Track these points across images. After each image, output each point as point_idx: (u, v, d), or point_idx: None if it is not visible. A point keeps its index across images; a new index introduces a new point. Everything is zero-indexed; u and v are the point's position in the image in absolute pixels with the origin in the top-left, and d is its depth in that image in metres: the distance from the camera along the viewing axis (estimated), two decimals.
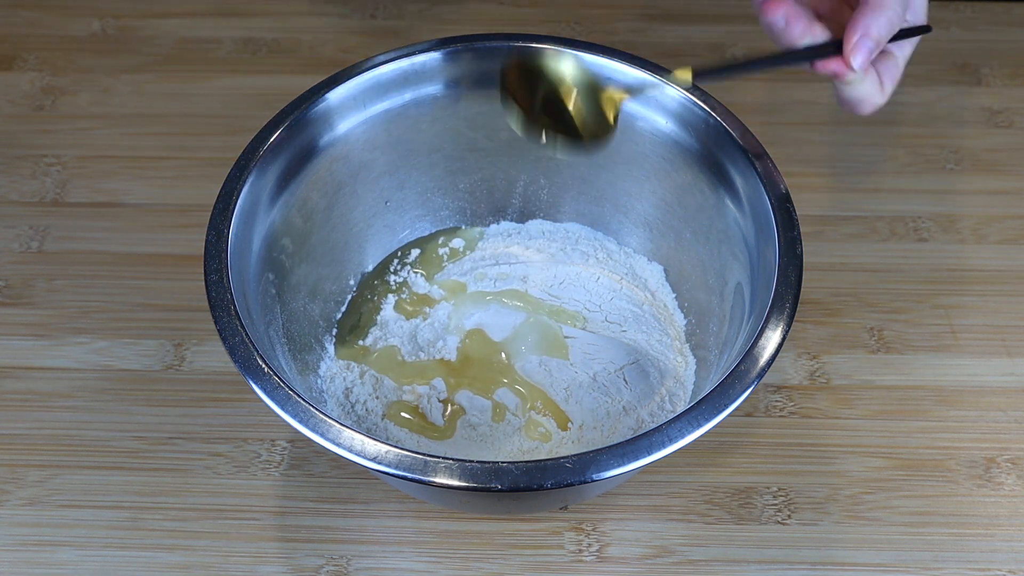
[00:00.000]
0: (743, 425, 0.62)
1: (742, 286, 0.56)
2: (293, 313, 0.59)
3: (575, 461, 0.46)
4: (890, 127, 0.77)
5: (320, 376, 0.60)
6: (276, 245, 0.58)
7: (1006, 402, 0.63)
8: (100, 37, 0.84)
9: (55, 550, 0.58)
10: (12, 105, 0.79)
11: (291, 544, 0.58)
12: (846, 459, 0.61)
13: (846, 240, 0.71)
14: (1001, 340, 0.66)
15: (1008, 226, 0.72)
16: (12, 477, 0.61)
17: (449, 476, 0.46)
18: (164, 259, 0.70)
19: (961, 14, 0.85)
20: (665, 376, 0.60)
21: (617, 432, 0.57)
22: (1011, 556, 0.58)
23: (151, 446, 0.62)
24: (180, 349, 0.66)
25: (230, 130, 0.77)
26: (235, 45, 0.83)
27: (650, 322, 0.62)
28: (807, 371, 0.65)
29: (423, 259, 0.66)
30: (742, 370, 0.49)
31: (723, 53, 0.82)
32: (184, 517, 0.59)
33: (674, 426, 0.47)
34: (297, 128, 0.58)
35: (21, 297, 0.68)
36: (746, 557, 0.58)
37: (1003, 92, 0.79)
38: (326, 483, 0.60)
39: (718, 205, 0.58)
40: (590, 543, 0.58)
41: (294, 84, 0.62)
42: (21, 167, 0.75)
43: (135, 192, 0.74)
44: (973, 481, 0.60)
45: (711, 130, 0.57)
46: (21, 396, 0.64)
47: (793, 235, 0.52)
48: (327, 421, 0.47)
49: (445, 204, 0.67)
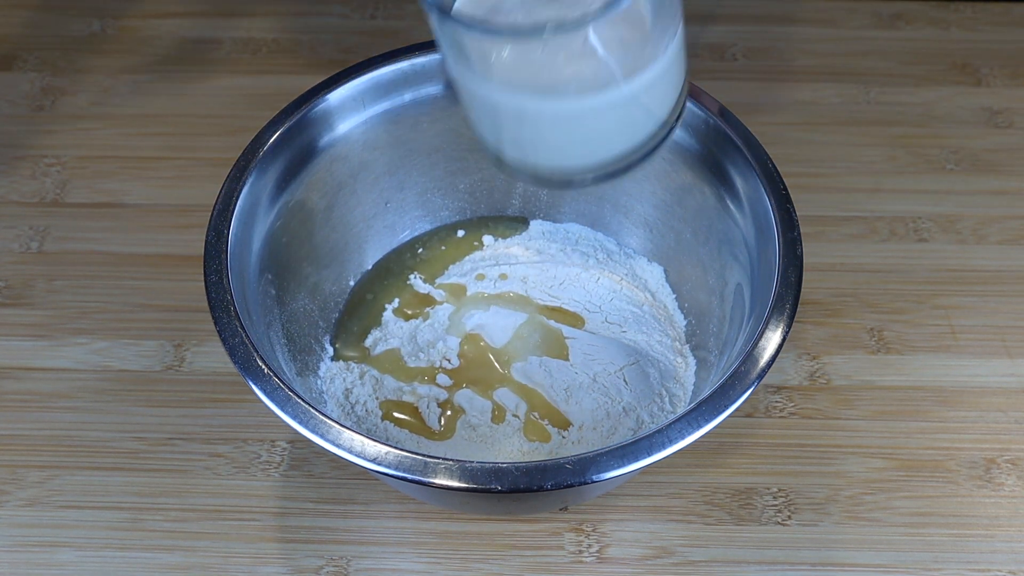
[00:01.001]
0: (743, 426, 0.62)
1: (742, 287, 0.56)
2: (293, 314, 0.59)
3: (575, 462, 0.46)
4: (890, 127, 0.77)
5: (320, 377, 0.60)
6: (276, 245, 0.58)
7: (1006, 403, 0.63)
8: (100, 37, 0.84)
9: (55, 551, 0.58)
10: (12, 105, 0.79)
11: (291, 545, 0.58)
12: (846, 460, 0.61)
13: (846, 240, 0.71)
14: (1001, 340, 0.66)
15: (1008, 226, 0.72)
16: (12, 478, 0.61)
17: (449, 477, 0.46)
18: (164, 259, 0.70)
19: (961, 14, 0.85)
20: (665, 377, 0.60)
21: (617, 433, 0.57)
22: (1011, 557, 0.58)
23: (151, 447, 0.62)
24: (180, 350, 0.66)
25: (230, 130, 0.77)
26: (235, 45, 0.83)
27: (650, 323, 0.62)
28: (807, 372, 0.65)
29: (424, 259, 0.66)
30: (742, 371, 0.49)
31: (723, 53, 0.82)
32: (184, 518, 0.59)
33: (674, 427, 0.47)
34: (297, 128, 0.58)
35: (21, 297, 0.68)
36: (746, 558, 0.58)
37: (1003, 92, 0.79)
38: (326, 484, 0.60)
39: (718, 206, 0.58)
40: (590, 544, 0.58)
41: (294, 84, 0.62)
42: (21, 167, 0.75)
43: (135, 192, 0.74)
44: (973, 482, 0.60)
45: (711, 130, 0.57)
46: (21, 397, 0.64)
47: (793, 236, 0.52)
48: (327, 422, 0.47)
49: (445, 204, 0.67)
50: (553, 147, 0.49)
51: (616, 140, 0.49)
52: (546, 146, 0.49)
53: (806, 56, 0.82)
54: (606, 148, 0.49)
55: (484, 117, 0.49)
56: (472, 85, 0.47)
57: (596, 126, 0.48)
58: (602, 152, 0.49)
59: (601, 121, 0.47)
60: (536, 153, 0.50)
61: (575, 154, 0.49)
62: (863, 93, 0.79)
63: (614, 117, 0.47)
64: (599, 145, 0.49)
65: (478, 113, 0.49)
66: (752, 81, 0.80)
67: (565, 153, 0.49)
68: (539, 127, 0.48)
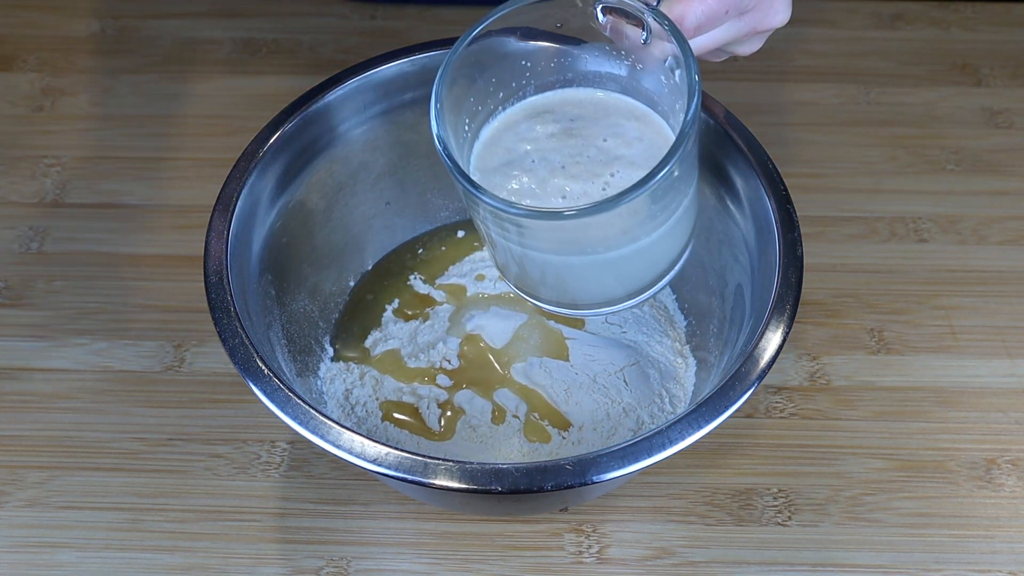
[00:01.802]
0: (743, 426, 0.62)
1: (742, 287, 0.56)
2: (293, 314, 0.59)
3: (575, 463, 0.46)
4: (890, 127, 0.77)
5: (320, 377, 0.60)
6: (276, 246, 0.58)
7: (1007, 403, 0.63)
8: (100, 37, 0.84)
9: (55, 551, 0.58)
10: (12, 106, 0.79)
11: (291, 545, 0.58)
12: (846, 460, 0.61)
13: (846, 241, 0.71)
14: (1001, 341, 0.66)
15: (1008, 227, 0.72)
16: (12, 478, 0.61)
17: (449, 478, 0.45)
18: (164, 259, 0.70)
19: (961, 14, 0.85)
20: (665, 377, 0.60)
21: (617, 433, 0.57)
22: (1012, 558, 0.58)
23: (151, 447, 0.62)
24: (180, 350, 0.66)
25: (230, 130, 0.76)
26: (235, 45, 0.83)
27: (650, 323, 0.62)
28: (807, 372, 0.65)
29: (424, 260, 0.66)
30: (743, 371, 0.48)
31: None
32: (184, 519, 0.59)
33: (674, 428, 0.47)
34: (297, 129, 0.57)
35: (21, 298, 0.68)
36: (746, 558, 0.58)
37: (1003, 92, 0.79)
38: (326, 484, 0.60)
39: (718, 206, 0.58)
40: (590, 544, 0.58)
41: (294, 84, 0.62)
42: (21, 167, 0.75)
43: (135, 192, 0.74)
44: (974, 482, 0.60)
45: (712, 131, 0.57)
46: (21, 397, 0.64)
47: (793, 236, 0.52)
48: (327, 423, 0.47)
49: (445, 205, 0.67)
50: (581, 288, 0.52)
51: (644, 273, 0.51)
52: (575, 287, 0.51)
53: (806, 56, 0.82)
54: (636, 280, 0.52)
55: (514, 266, 0.51)
56: (501, 240, 0.49)
57: (622, 269, 0.50)
58: (632, 283, 0.52)
59: (627, 264, 0.50)
60: (565, 294, 0.52)
61: (604, 290, 0.52)
62: (863, 93, 0.79)
63: (640, 259, 0.50)
64: (628, 280, 0.51)
65: (508, 261, 0.51)
66: (752, 81, 0.80)
67: (594, 291, 0.52)
68: (566, 274, 0.50)
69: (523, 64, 0.51)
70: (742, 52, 0.53)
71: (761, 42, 0.53)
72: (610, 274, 0.50)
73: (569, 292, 0.52)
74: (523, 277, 0.52)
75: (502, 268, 0.53)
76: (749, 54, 0.54)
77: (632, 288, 0.52)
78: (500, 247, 0.50)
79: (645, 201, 0.45)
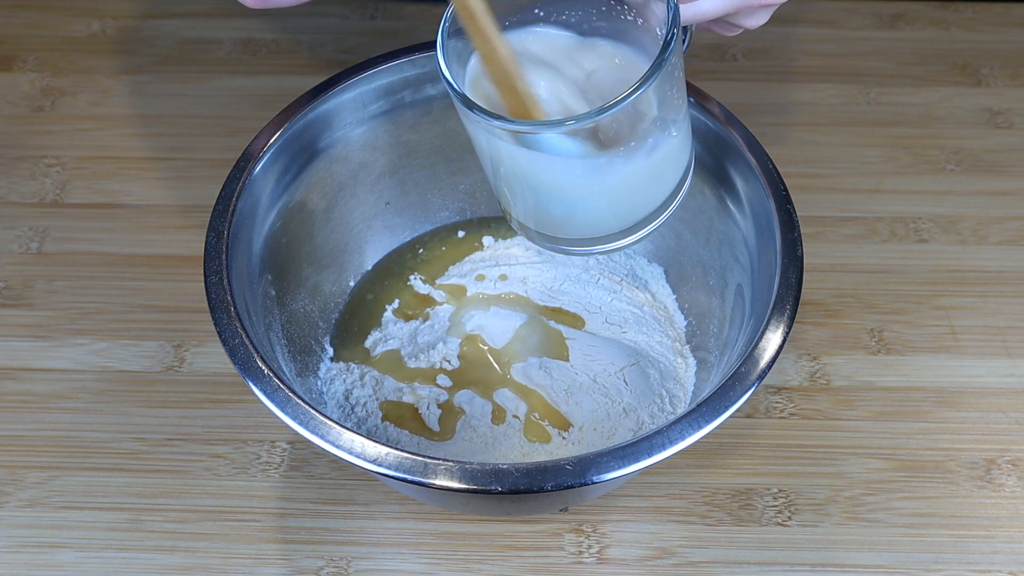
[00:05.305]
0: (743, 426, 0.62)
1: (742, 287, 0.56)
2: (293, 314, 0.59)
3: (575, 463, 0.46)
4: (890, 127, 0.77)
5: (320, 378, 0.60)
6: (276, 246, 0.58)
7: (1007, 403, 0.63)
8: (100, 38, 0.84)
9: (55, 552, 0.58)
10: (12, 106, 0.79)
11: (291, 546, 0.58)
12: (847, 460, 0.61)
13: (846, 241, 0.71)
14: (1002, 341, 0.66)
15: (1008, 227, 0.72)
16: (12, 478, 0.61)
17: (449, 478, 0.45)
18: (164, 260, 0.70)
19: (961, 14, 0.85)
20: (665, 377, 0.60)
21: (617, 434, 0.57)
22: (1012, 558, 0.58)
23: (151, 447, 0.62)
24: (180, 350, 0.66)
25: (230, 130, 0.76)
26: (235, 45, 0.83)
27: (650, 323, 0.62)
28: (807, 372, 0.65)
29: (424, 260, 0.66)
30: (743, 372, 0.49)
31: (723, 53, 0.82)
32: (184, 519, 0.59)
33: (674, 428, 0.47)
34: (297, 129, 0.57)
35: (21, 298, 0.68)
36: (746, 559, 0.58)
37: (1003, 92, 0.79)
38: (326, 485, 0.60)
39: (719, 206, 0.58)
40: (590, 545, 0.58)
41: (294, 84, 0.62)
42: (21, 168, 0.75)
43: (135, 192, 0.74)
44: (974, 483, 0.60)
45: (711, 131, 0.57)
46: (21, 397, 0.64)
47: (794, 236, 0.52)
48: (327, 423, 0.47)
49: (445, 205, 0.67)
50: (573, 218, 0.52)
51: (637, 205, 0.52)
52: (565, 216, 0.52)
53: (806, 56, 0.82)
54: (628, 212, 0.52)
55: (505, 183, 0.52)
56: (501, 152, 0.50)
57: (616, 195, 0.51)
58: (624, 215, 0.52)
59: (622, 190, 0.51)
60: (559, 224, 0.53)
61: (597, 220, 0.53)
62: (863, 93, 0.79)
63: (635, 183, 0.51)
64: (621, 209, 0.52)
65: (504, 181, 0.52)
66: (752, 81, 0.80)
67: (588, 222, 0.53)
68: (560, 198, 0.51)
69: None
70: (749, 25, 0.54)
71: (768, 15, 0.54)
72: (603, 200, 0.51)
73: (560, 222, 0.53)
74: (510, 195, 0.53)
75: (501, 195, 0.54)
76: (756, 27, 0.54)
77: (625, 221, 0.52)
78: (505, 170, 0.51)
79: (648, 98, 0.46)
